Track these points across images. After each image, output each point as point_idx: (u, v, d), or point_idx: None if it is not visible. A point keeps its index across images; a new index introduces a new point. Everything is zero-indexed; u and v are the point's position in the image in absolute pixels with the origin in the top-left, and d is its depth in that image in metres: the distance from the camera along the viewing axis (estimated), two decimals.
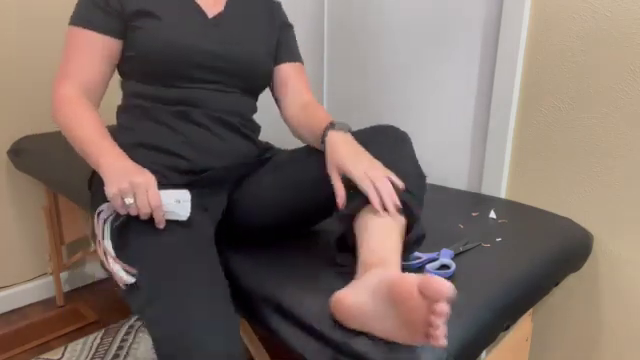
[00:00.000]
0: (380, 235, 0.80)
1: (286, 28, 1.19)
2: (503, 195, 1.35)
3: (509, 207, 1.22)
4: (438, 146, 1.53)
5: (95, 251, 1.85)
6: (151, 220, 0.85)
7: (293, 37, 1.21)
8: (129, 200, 0.82)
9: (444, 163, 1.53)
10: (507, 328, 0.86)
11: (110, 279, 2.10)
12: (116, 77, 1.72)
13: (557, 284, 1.05)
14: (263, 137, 1.98)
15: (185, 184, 0.99)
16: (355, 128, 1.72)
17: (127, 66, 1.04)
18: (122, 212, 0.83)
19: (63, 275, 1.97)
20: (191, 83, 1.02)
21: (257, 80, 1.11)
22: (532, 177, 1.29)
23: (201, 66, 1.02)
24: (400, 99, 1.59)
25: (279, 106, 1.17)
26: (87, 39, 0.99)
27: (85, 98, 0.99)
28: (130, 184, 0.82)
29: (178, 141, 1.01)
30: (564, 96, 1.20)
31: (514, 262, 0.94)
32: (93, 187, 1.03)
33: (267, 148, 1.17)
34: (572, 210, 1.23)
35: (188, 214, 0.85)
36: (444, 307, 0.61)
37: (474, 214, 1.16)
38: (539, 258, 0.97)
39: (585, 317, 1.26)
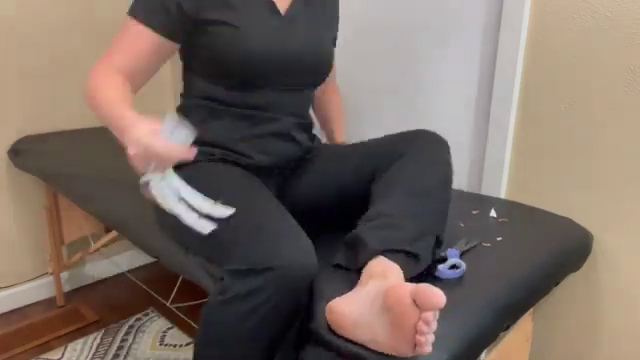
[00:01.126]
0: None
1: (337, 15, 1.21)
2: (503, 195, 1.35)
3: (509, 207, 1.22)
4: None
5: (96, 251, 1.85)
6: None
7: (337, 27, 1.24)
8: (148, 161, 0.79)
9: None
10: (507, 328, 0.86)
11: (110, 279, 2.10)
12: None
13: (557, 284, 1.05)
14: None
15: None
16: (354, 129, 1.72)
17: (197, 63, 1.03)
18: (141, 170, 0.81)
19: (63, 275, 1.97)
20: (265, 88, 1.03)
21: (326, 73, 1.13)
22: (532, 177, 1.29)
23: (279, 70, 1.01)
24: (400, 99, 1.59)
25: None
26: (141, 35, 0.96)
27: (122, 77, 0.96)
28: (135, 146, 0.78)
29: (237, 140, 1.04)
30: (564, 96, 1.20)
31: (514, 262, 0.94)
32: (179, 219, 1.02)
33: (315, 149, 1.18)
34: (572, 210, 1.23)
35: (190, 130, 0.82)
36: (431, 316, 0.64)
37: (474, 212, 1.16)
38: (539, 258, 0.97)
39: (585, 317, 1.26)
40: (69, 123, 1.91)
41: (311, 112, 1.23)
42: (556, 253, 1.02)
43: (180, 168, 0.93)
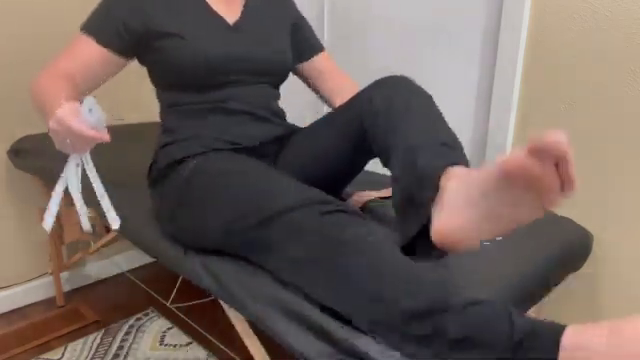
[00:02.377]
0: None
1: (301, 22, 1.25)
2: None
3: None
4: None
5: (96, 251, 1.85)
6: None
7: (309, 27, 1.29)
8: (65, 139, 0.83)
9: None
10: None
11: (110, 279, 2.10)
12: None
13: (557, 284, 1.05)
14: None
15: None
16: None
17: (157, 78, 1.11)
18: (63, 150, 0.86)
19: (63, 275, 1.96)
20: (226, 86, 1.08)
21: (281, 76, 1.18)
22: None
23: (230, 71, 1.07)
24: None
25: (324, 99, 1.27)
26: (90, 47, 1.04)
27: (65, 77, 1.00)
28: (54, 121, 0.82)
29: (216, 129, 1.07)
30: (564, 96, 1.20)
31: (514, 262, 0.94)
32: (178, 218, 1.02)
33: (295, 129, 1.21)
34: (572, 210, 1.23)
35: (103, 115, 0.86)
36: (569, 154, 0.58)
37: None
38: (539, 258, 0.97)
39: (585, 317, 1.26)
40: None
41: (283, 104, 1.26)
42: (556, 253, 1.02)
43: (184, 162, 1.00)
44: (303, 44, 1.25)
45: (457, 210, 0.70)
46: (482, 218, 0.68)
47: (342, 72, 1.30)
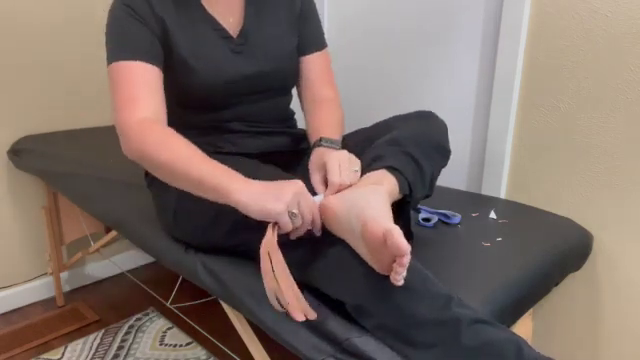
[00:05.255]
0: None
1: (307, 12, 1.15)
2: (503, 195, 1.35)
3: (509, 207, 1.22)
4: None
5: (96, 251, 1.85)
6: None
7: (314, 20, 1.16)
8: (295, 211, 0.77)
9: None
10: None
11: (110, 279, 2.10)
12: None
13: (557, 284, 1.05)
14: None
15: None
16: (354, 127, 1.72)
17: (168, 97, 1.02)
18: (289, 228, 0.78)
19: (63, 275, 1.97)
20: (228, 107, 1.05)
21: (290, 81, 1.13)
22: (532, 177, 1.29)
23: (242, 92, 1.04)
24: (400, 99, 1.59)
25: (299, 97, 1.19)
26: (132, 70, 0.92)
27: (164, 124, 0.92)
28: (294, 195, 0.76)
29: (217, 143, 1.06)
30: (564, 96, 1.20)
31: (514, 262, 0.94)
32: (178, 216, 1.00)
33: (302, 137, 1.18)
34: (572, 210, 1.23)
35: None
36: (406, 260, 0.66)
37: (474, 214, 1.16)
38: (539, 258, 0.97)
39: (585, 317, 1.26)
40: (69, 123, 1.91)
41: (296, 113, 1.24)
42: (556, 253, 1.02)
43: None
44: (302, 39, 1.14)
45: (345, 208, 0.77)
46: (351, 234, 0.75)
47: (327, 84, 1.16)
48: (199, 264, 0.96)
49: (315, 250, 0.81)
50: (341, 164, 0.87)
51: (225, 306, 1.00)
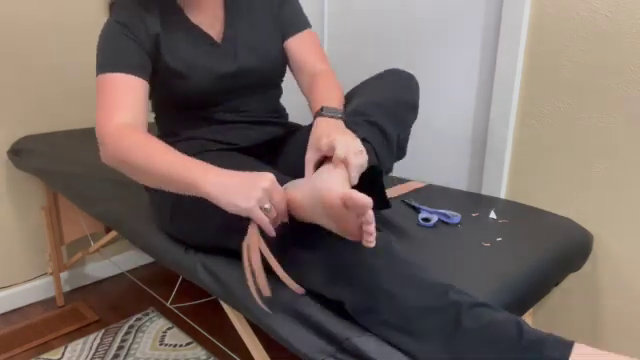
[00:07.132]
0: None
1: (283, 1, 1.15)
2: (503, 195, 1.35)
3: (509, 207, 1.22)
4: (438, 146, 1.53)
5: (96, 251, 1.85)
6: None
7: (291, 5, 1.16)
8: (267, 205, 0.77)
9: (444, 163, 1.53)
10: None
11: (110, 279, 2.10)
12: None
13: (557, 284, 1.05)
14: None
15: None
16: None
17: (156, 103, 1.12)
18: (262, 222, 0.78)
19: (63, 275, 1.97)
20: (224, 103, 1.10)
21: (278, 74, 1.17)
22: (532, 177, 1.29)
23: (230, 91, 1.08)
24: None
25: (298, 83, 1.18)
26: (118, 81, 0.95)
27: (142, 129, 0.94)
28: (263, 190, 0.76)
29: (210, 133, 1.09)
30: (564, 96, 1.20)
31: (514, 262, 0.94)
32: (175, 217, 1.01)
33: (294, 128, 1.20)
34: (572, 210, 1.23)
35: None
36: (370, 216, 0.67)
37: (474, 215, 1.16)
38: (539, 258, 0.97)
39: (585, 317, 1.26)
40: (69, 123, 1.91)
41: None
42: (556, 253, 1.02)
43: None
44: (281, 25, 1.15)
45: (305, 196, 0.78)
46: (318, 216, 0.77)
47: (320, 60, 1.15)
48: (199, 264, 0.96)
49: (307, 255, 0.81)
50: (348, 150, 0.83)
51: (225, 306, 1.00)
